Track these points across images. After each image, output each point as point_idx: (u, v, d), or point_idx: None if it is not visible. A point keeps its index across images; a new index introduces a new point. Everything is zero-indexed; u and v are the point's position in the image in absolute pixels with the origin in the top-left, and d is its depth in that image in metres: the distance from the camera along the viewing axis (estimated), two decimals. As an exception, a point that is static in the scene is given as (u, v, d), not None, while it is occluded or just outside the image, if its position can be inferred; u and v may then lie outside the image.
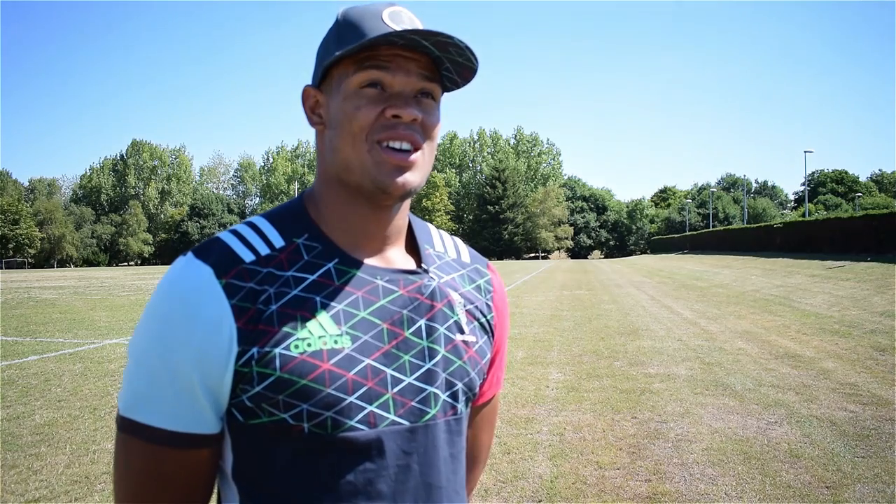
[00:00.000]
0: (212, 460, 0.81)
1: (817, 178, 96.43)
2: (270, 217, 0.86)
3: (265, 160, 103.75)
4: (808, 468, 4.15)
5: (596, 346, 9.14)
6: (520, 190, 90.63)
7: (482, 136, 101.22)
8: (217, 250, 0.80)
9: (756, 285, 19.63)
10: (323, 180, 0.88)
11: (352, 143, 0.80)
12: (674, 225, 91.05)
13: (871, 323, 10.63)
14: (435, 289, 0.88)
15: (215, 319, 0.76)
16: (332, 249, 0.84)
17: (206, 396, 0.77)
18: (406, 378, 0.82)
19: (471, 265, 0.99)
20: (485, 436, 1.06)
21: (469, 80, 0.86)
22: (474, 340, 0.91)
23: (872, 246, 26.38)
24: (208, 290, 0.77)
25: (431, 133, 0.84)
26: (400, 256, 0.90)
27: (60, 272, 54.81)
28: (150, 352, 0.77)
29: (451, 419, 0.87)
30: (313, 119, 0.87)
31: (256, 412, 0.77)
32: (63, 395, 6.31)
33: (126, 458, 0.80)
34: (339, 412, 0.77)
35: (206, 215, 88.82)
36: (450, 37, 0.77)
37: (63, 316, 14.12)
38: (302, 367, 0.77)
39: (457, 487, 0.89)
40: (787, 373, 7.06)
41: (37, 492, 3.87)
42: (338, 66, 0.82)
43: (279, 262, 0.81)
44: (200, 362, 0.75)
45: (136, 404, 0.78)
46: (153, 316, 0.79)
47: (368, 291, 0.83)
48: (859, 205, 69.83)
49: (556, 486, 3.93)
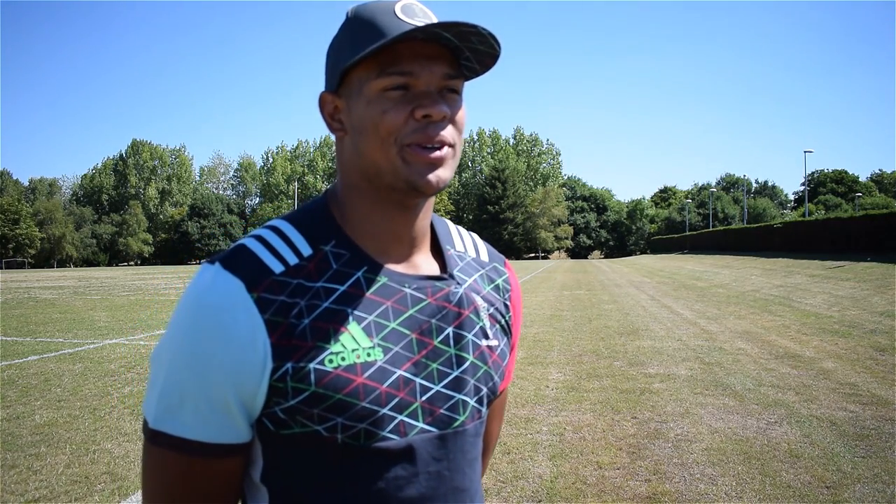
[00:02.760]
0: (242, 467, 0.82)
1: (817, 178, 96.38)
2: (295, 221, 0.84)
3: (265, 160, 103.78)
4: (808, 468, 4.15)
5: (596, 346, 9.14)
6: (520, 190, 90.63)
7: (482, 136, 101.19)
8: (245, 261, 0.78)
9: (756, 285, 19.63)
10: (347, 184, 0.85)
11: (381, 148, 0.78)
12: (674, 225, 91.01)
13: (871, 323, 10.63)
14: (462, 296, 0.88)
15: (249, 335, 0.75)
16: (360, 256, 0.83)
17: (240, 409, 0.77)
18: (434, 386, 0.82)
19: (489, 264, 0.98)
20: (495, 426, 1.07)
21: (490, 67, 0.83)
22: (497, 344, 0.91)
23: (872, 246, 26.40)
24: (241, 304, 0.75)
25: (460, 126, 0.82)
26: (425, 261, 0.89)
27: (60, 272, 54.80)
28: (181, 366, 0.76)
29: (478, 423, 0.88)
30: (333, 125, 0.84)
31: (289, 423, 0.77)
32: (63, 395, 6.31)
33: (159, 470, 0.79)
34: (373, 424, 0.78)
35: (206, 215, 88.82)
36: (473, 26, 0.74)
37: (63, 316, 14.12)
38: (337, 382, 0.76)
39: (478, 486, 0.90)
40: (787, 373, 7.06)
41: (37, 492, 3.87)
42: (356, 69, 0.79)
43: (308, 273, 0.80)
44: (235, 379, 0.75)
45: (168, 417, 0.77)
46: (183, 330, 0.77)
47: (397, 301, 0.82)
48: (859, 205, 69.81)
49: (556, 486, 3.93)
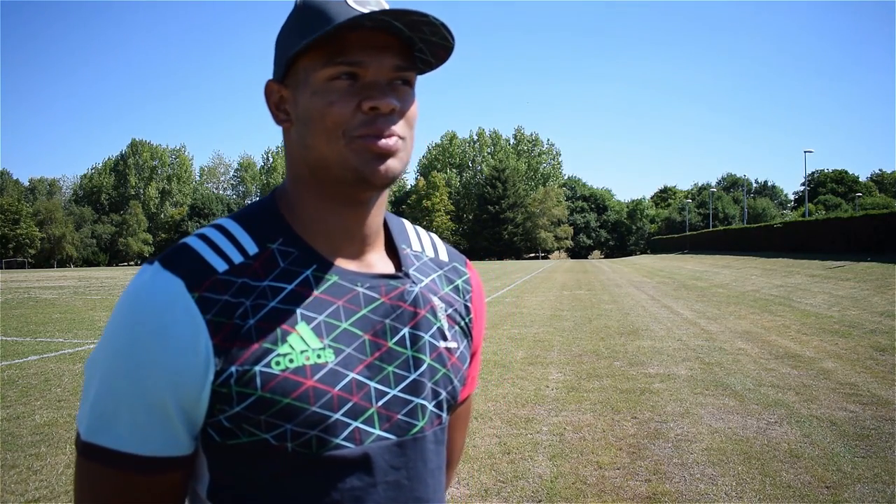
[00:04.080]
0: (184, 482, 0.76)
1: (817, 178, 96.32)
2: (241, 219, 0.80)
3: (265, 160, 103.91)
4: (808, 468, 4.15)
5: (596, 346, 9.13)
6: (520, 190, 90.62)
7: (482, 136, 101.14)
8: (187, 259, 0.74)
9: (756, 285, 19.63)
10: (294, 179, 0.81)
11: (327, 140, 0.74)
12: (674, 225, 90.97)
13: (871, 323, 10.63)
14: (418, 295, 0.84)
15: (190, 337, 0.70)
16: (309, 254, 0.79)
17: (180, 418, 0.71)
18: (391, 390, 0.78)
19: (449, 264, 0.94)
20: (458, 437, 1.02)
21: (445, 60, 0.79)
22: (456, 346, 0.87)
23: (872, 246, 26.40)
24: (181, 305, 0.71)
25: (410, 120, 0.78)
26: (379, 260, 0.85)
27: (60, 272, 54.77)
28: (116, 371, 0.71)
29: (438, 429, 0.84)
30: (279, 116, 0.80)
31: (235, 432, 0.72)
32: (63, 395, 6.31)
33: (90, 487, 0.74)
34: (325, 430, 0.73)
35: (207, 215, 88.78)
36: (424, 14, 0.71)
37: (63, 316, 14.11)
38: (285, 385, 0.72)
39: (442, 498, 0.86)
40: (787, 373, 7.06)
41: (37, 492, 3.87)
42: (303, 58, 0.75)
43: (254, 272, 0.75)
44: (174, 383, 0.70)
45: (101, 427, 0.72)
46: (119, 332, 0.72)
47: (349, 300, 0.78)
48: (859, 205, 69.72)
49: (556, 486, 3.92)
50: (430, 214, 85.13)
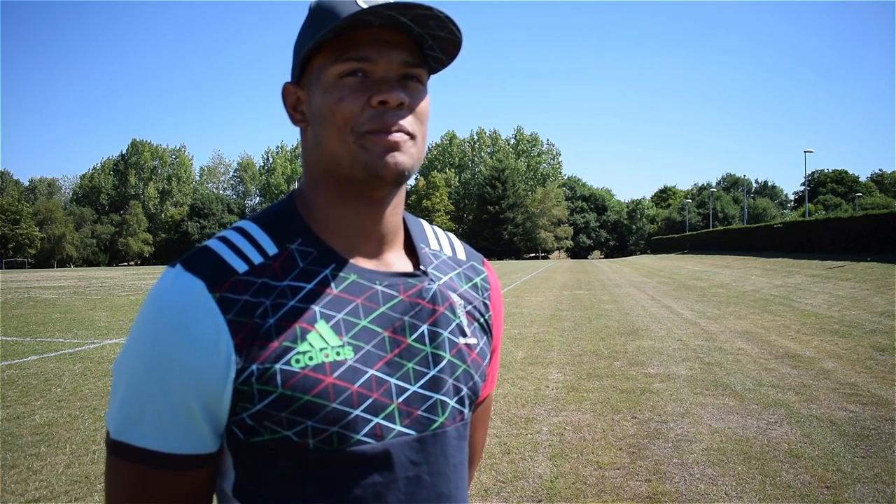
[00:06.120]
0: (210, 478, 0.78)
1: (817, 178, 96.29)
2: (260, 221, 0.82)
3: (265, 160, 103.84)
4: (808, 468, 4.15)
5: (596, 346, 9.14)
6: (520, 190, 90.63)
7: (482, 136, 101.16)
8: (208, 261, 0.76)
9: (756, 285, 19.62)
10: (311, 179, 0.83)
11: (337, 137, 0.76)
12: (674, 225, 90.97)
13: (871, 323, 10.63)
14: (436, 292, 0.85)
15: (211, 337, 0.72)
16: (328, 254, 0.80)
17: (204, 416, 0.73)
18: (411, 387, 0.80)
19: (467, 262, 0.96)
20: (479, 434, 1.04)
21: (454, 57, 0.81)
22: (475, 342, 0.88)
23: (872, 246, 26.38)
24: (202, 305, 0.73)
25: (421, 116, 0.79)
26: (397, 258, 0.86)
27: (60, 272, 54.79)
28: (142, 372, 0.73)
29: (460, 425, 0.85)
30: (295, 117, 0.83)
31: (258, 430, 0.74)
32: (63, 395, 6.31)
33: (121, 483, 0.76)
34: (345, 426, 0.75)
35: (206, 215, 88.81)
36: (428, 8, 0.72)
37: (63, 316, 14.12)
38: (305, 383, 0.73)
39: (464, 494, 0.87)
40: (787, 373, 7.06)
41: (37, 492, 3.87)
42: (315, 58, 0.78)
43: (273, 272, 0.77)
44: (197, 383, 0.72)
45: (129, 427, 0.74)
46: (144, 334, 0.74)
47: (368, 298, 0.80)
48: (859, 205, 69.72)
49: (556, 486, 3.93)
50: (429, 214, 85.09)
